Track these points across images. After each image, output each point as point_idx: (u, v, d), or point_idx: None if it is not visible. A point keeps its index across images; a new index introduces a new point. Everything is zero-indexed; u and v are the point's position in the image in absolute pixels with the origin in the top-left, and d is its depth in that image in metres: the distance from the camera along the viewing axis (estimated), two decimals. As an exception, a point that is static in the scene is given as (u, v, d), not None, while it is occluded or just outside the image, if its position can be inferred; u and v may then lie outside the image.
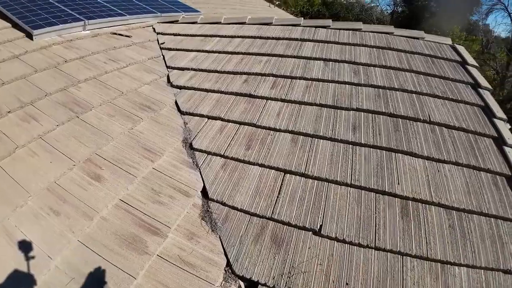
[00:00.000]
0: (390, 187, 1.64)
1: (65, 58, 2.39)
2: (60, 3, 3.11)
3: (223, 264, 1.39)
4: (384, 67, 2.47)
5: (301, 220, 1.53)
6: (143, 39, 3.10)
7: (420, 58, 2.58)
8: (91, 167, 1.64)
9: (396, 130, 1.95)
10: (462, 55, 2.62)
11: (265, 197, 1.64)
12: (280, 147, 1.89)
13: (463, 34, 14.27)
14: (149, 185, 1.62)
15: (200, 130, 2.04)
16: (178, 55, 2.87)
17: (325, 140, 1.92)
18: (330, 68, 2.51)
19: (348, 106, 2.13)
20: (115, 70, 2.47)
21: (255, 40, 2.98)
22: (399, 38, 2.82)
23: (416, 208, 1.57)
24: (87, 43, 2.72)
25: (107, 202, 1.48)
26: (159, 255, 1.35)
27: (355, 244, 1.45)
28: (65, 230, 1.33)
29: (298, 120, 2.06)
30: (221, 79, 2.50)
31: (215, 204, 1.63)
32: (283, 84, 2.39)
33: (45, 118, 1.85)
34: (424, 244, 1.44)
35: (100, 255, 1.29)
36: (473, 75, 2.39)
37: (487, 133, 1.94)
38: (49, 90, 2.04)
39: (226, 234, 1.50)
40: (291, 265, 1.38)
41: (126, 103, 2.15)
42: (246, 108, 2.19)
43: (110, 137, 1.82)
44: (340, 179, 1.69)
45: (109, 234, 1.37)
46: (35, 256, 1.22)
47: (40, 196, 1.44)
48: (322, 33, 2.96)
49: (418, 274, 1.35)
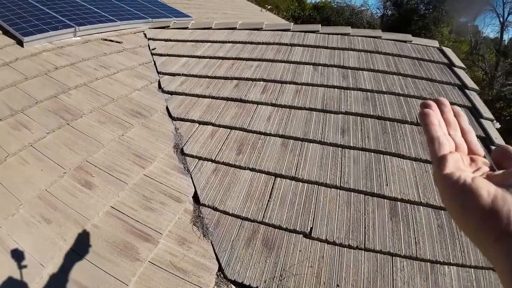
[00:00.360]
0: (379, 188, 1.67)
1: (55, 65, 2.39)
2: (50, 9, 3.10)
3: (215, 269, 1.39)
4: (372, 71, 2.51)
5: (291, 223, 1.54)
6: (134, 45, 3.11)
7: (407, 61, 2.63)
8: (82, 175, 1.64)
9: (384, 133, 1.98)
10: (449, 57, 2.68)
11: (256, 201, 1.65)
12: (270, 151, 1.91)
13: (452, 36, 14.55)
14: (140, 191, 1.63)
15: (191, 136, 2.06)
16: (169, 61, 2.88)
17: (315, 144, 1.95)
18: (320, 72, 2.54)
19: (337, 110, 2.16)
20: (105, 76, 2.47)
21: (246, 45, 3.01)
22: (387, 41, 2.88)
23: (404, 209, 1.60)
24: (78, 49, 2.72)
25: (98, 210, 1.47)
26: (151, 261, 1.35)
27: (345, 246, 1.47)
28: (56, 238, 1.33)
29: (288, 124, 2.08)
30: (212, 84, 2.52)
31: (207, 209, 1.64)
32: (274, 88, 2.42)
33: (35, 125, 1.84)
34: (413, 244, 1.46)
35: (92, 263, 1.29)
36: (460, 77, 2.44)
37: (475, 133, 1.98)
38: (39, 97, 2.04)
39: (218, 239, 1.51)
40: (282, 268, 1.39)
41: (116, 109, 2.15)
42: (237, 112, 2.21)
43: (100, 144, 1.82)
44: (330, 181, 1.71)
45: (101, 241, 1.37)
46: (27, 264, 1.22)
47: (31, 204, 1.44)
48: (311, 37, 3.01)
49: (408, 274, 1.37)
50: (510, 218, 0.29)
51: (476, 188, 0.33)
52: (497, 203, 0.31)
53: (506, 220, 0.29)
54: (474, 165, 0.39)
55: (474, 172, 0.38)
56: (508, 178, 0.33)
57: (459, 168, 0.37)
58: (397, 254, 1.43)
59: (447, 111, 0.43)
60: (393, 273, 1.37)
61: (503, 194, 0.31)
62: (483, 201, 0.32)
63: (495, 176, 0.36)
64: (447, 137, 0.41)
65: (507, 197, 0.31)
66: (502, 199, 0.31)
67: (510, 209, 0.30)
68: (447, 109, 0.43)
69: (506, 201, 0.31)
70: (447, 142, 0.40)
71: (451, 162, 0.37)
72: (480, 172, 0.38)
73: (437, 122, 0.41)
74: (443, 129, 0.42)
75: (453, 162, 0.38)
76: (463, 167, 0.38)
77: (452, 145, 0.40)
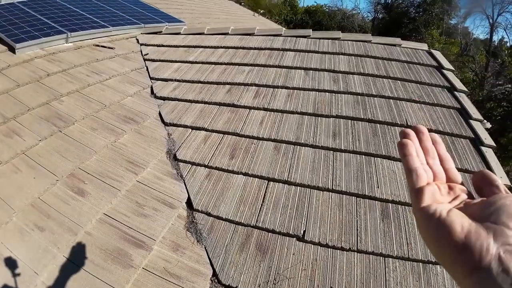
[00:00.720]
0: (370, 190, 1.69)
1: (47, 71, 2.38)
2: (42, 15, 3.10)
3: (209, 274, 1.40)
4: (362, 75, 2.55)
5: (285, 227, 1.56)
6: (126, 50, 3.11)
7: (397, 64, 2.68)
8: (74, 182, 1.64)
9: (374, 135, 2.02)
10: (438, 59, 2.73)
11: (249, 205, 1.66)
12: (263, 155, 1.93)
13: (442, 39, 14.78)
14: (133, 198, 1.63)
15: (184, 141, 2.06)
16: (162, 66, 2.89)
17: (307, 147, 1.97)
18: (311, 76, 2.58)
19: (328, 114, 2.19)
20: (98, 82, 2.47)
21: (238, 51, 3.03)
22: (377, 45, 2.92)
23: (396, 210, 1.62)
24: (70, 55, 2.72)
25: (91, 217, 1.47)
26: (145, 268, 1.35)
27: (338, 248, 1.48)
28: (50, 246, 1.32)
29: (280, 128, 2.10)
30: (204, 89, 2.53)
31: (200, 214, 1.64)
32: (266, 93, 2.44)
33: (28, 133, 1.83)
34: (405, 244, 1.48)
35: (86, 270, 1.28)
36: (449, 79, 2.49)
37: (463, 135, 2.01)
38: (31, 104, 2.03)
39: (212, 244, 1.51)
40: (276, 272, 1.40)
41: (109, 115, 2.15)
42: (230, 117, 2.23)
43: (93, 151, 1.82)
44: (322, 184, 1.73)
45: (94, 248, 1.37)
46: (21, 272, 1.22)
47: (24, 212, 1.44)
48: (302, 42, 3.04)
49: (401, 275, 1.39)
50: (482, 253, 0.30)
51: (450, 223, 0.34)
52: (470, 238, 0.31)
53: (478, 255, 0.30)
54: (453, 193, 0.40)
55: (452, 201, 0.38)
56: (485, 209, 0.34)
57: (436, 200, 0.38)
58: (389, 255, 1.44)
59: (425, 139, 0.44)
60: (386, 274, 1.39)
61: (476, 229, 0.32)
62: (457, 236, 0.32)
63: (472, 205, 0.36)
64: (425, 167, 0.41)
65: (480, 231, 0.31)
66: (475, 233, 0.31)
67: (482, 244, 0.30)
68: (425, 137, 0.44)
69: (479, 236, 0.31)
70: (424, 173, 0.40)
71: (428, 194, 0.38)
72: (458, 200, 0.39)
73: (415, 152, 0.42)
74: (421, 158, 0.42)
75: (430, 194, 0.38)
76: (440, 199, 0.38)
77: (430, 175, 0.41)
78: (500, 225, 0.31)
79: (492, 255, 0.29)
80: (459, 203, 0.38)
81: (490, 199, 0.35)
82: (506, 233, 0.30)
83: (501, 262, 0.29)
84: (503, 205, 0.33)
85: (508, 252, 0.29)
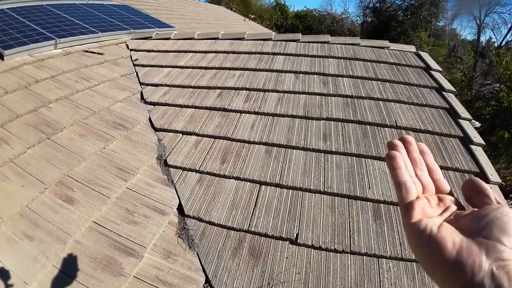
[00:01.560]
0: (362, 191, 1.70)
1: (36, 78, 2.35)
2: (31, 22, 3.07)
3: (202, 281, 1.38)
4: (352, 77, 2.58)
5: (277, 231, 1.55)
6: (116, 56, 3.09)
7: (385, 66, 2.71)
8: (63, 190, 1.61)
9: (365, 137, 2.03)
10: (426, 61, 2.77)
11: (241, 210, 1.65)
12: (255, 159, 1.92)
13: (431, 41, 15.04)
14: (123, 205, 1.60)
15: (174, 146, 2.05)
16: (152, 72, 2.87)
17: (298, 150, 1.97)
18: (301, 80, 2.59)
19: (318, 116, 2.20)
20: (87, 88, 2.44)
21: (228, 55, 3.04)
22: (365, 48, 2.96)
23: (388, 210, 1.63)
24: (59, 62, 2.69)
25: (80, 225, 1.44)
26: (136, 276, 1.32)
27: (331, 250, 1.48)
28: (39, 255, 1.30)
29: (271, 131, 2.10)
30: (195, 94, 2.52)
31: (192, 220, 1.62)
32: (256, 97, 2.44)
33: (16, 141, 1.80)
34: (398, 245, 1.49)
35: (75, 279, 1.26)
36: (437, 80, 2.53)
37: (453, 134, 2.04)
38: (20, 111, 2.00)
39: (204, 250, 1.49)
40: (270, 276, 1.39)
41: (98, 122, 2.13)
42: (221, 122, 2.22)
43: (81, 158, 1.79)
44: (314, 187, 1.73)
45: (84, 257, 1.34)
46: (11, 282, 1.19)
47: (13, 221, 1.41)
48: (292, 46, 3.07)
49: (395, 275, 1.39)
50: (475, 270, 0.29)
51: (441, 239, 0.33)
52: (462, 255, 0.31)
53: (471, 272, 0.29)
54: (442, 204, 0.39)
55: (442, 213, 0.38)
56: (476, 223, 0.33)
57: (426, 215, 0.37)
58: (383, 256, 1.44)
59: (413, 150, 0.44)
60: (380, 274, 1.39)
61: (468, 245, 0.31)
62: (448, 253, 0.32)
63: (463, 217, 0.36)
64: (414, 180, 0.41)
65: (472, 247, 0.31)
66: (467, 250, 0.31)
67: (475, 261, 0.30)
68: (412, 147, 0.44)
69: (471, 252, 0.30)
70: (413, 186, 0.40)
71: (418, 209, 0.38)
72: (449, 212, 0.38)
73: (403, 165, 0.41)
74: (409, 170, 0.41)
75: (419, 209, 0.38)
76: (430, 213, 0.38)
77: (419, 188, 0.40)
78: (493, 240, 0.31)
79: (484, 271, 0.29)
80: (449, 215, 0.38)
81: (481, 212, 0.34)
82: (498, 248, 0.30)
83: (494, 279, 0.28)
84: (494, 218, 0.32)
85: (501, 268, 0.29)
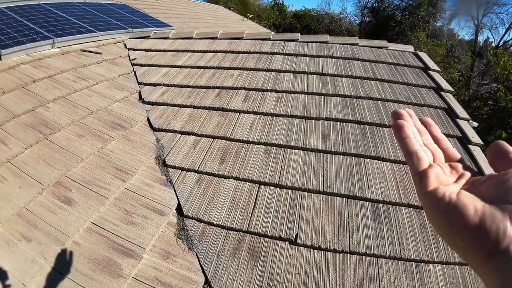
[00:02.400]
0: (361, 191, 1.70)
1: (33, 77, 2.34)
2: (29, 21, 3.05)
3: (201, 281, 1.37)
4: (350, 77, 2.58)
5: (277, 231, 1.54)
6: (113, 55, 3.08)
7: (384, 66, 2.71)
8: (60, 191, 1.59)
9: (363, 137, 2.03)
10: (424, 61, 2.78)
11: (241, 210, 1.65)
12: (254, 159, 1.92)
13: (429, 41, 15.08)
14: (122, 206, 1.59)
15: (173, 146, 2.04)
16: (150, 71, 2.86)
17: (297, 150, 1.97)
18: (300, 80, 2.59)
19: (317, 116, 2.20)
20: (84, 88, 2.43)
21: (227, 55, 3.03)
22: (364, 48, 2.96)
23: (387, 210, 1.63)
24: (56, 61, 2.67)
25: (78, 226, 1.43)
26: (135, 277, 1.32)
27: (330, 250, 1.48)
28: (37, 256, 1.29)
29: (270, 131, 2.10)
30: (193, 94, 2.52)
31: (191, 221, 1.62)
32: (255, 97, 2.44)
33: (13, 141, 1.79)
34: (397, 244, 1.49)
35: (74, 281, 1.25)
36: (435, 80, 2.54)
37: (451, 134, 2.04)
38: (17, 111, 1.99)
39: (203, 251, 1.49)
40: (269, 277, 1.39)
41: (96, 122, 2.11)
42: (219, 122, 2.21)
43: (79, 158, 1.78)
44: (313, 187, 1.73)
45: (82, 258, 1.33)
46: (9, 284, 1.18)
47: (11, 223, 1.39)
48: (291, 46, 3.06)
49: (394, 275, 1.39)
50: (499, 237, 0.28)
51: (462, 206, 0.31)
52: (485, 222, 0.29)
53: (495, 239, 0.28)
54: (455, 172, 0.38)
55: (457, 181, 0.37)
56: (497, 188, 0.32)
57: (441, 182, 0.36)
58: (382, 256, 1.45)
59: (415, 120, 0.42)
60: (379, 274, 1.39)
61: (491, 211, 0.30)
62: (470, 220, 0.30)
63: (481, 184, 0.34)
64: (424, 149, 0.39)
65: (495, 213, 0.29)
66: (490, 216, 0.29)
67: (499, 227, 0.28)
68: (414, 118, 0.42)
69: (494, 218, 0.29)
70: (425, 155, 0.38)
71: (433, 177, 0.36)
72: (464, 179, 0.37)
73: (412, 134, 0.40)
74: (418, 139, 0.40)
75: (434, 176, 0.36)
76: (445, 181, 0.36)
77: (430, 157, 0.39)
78: None
79: (510, 237, 0.28)
80: (465, 182, 0.36)
81: (501, 176, 0.32)
82: None
83: None
84: None
85: None
